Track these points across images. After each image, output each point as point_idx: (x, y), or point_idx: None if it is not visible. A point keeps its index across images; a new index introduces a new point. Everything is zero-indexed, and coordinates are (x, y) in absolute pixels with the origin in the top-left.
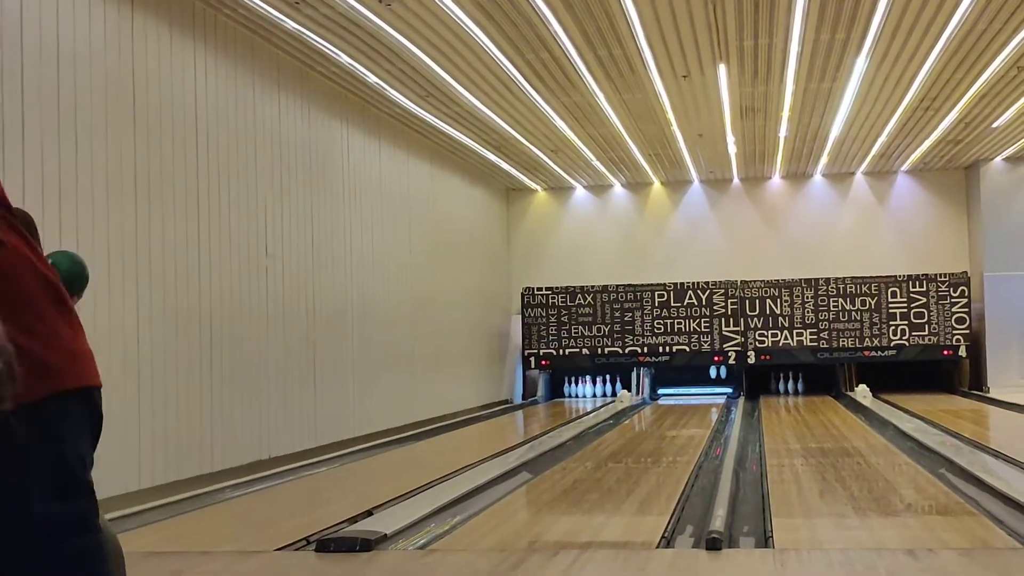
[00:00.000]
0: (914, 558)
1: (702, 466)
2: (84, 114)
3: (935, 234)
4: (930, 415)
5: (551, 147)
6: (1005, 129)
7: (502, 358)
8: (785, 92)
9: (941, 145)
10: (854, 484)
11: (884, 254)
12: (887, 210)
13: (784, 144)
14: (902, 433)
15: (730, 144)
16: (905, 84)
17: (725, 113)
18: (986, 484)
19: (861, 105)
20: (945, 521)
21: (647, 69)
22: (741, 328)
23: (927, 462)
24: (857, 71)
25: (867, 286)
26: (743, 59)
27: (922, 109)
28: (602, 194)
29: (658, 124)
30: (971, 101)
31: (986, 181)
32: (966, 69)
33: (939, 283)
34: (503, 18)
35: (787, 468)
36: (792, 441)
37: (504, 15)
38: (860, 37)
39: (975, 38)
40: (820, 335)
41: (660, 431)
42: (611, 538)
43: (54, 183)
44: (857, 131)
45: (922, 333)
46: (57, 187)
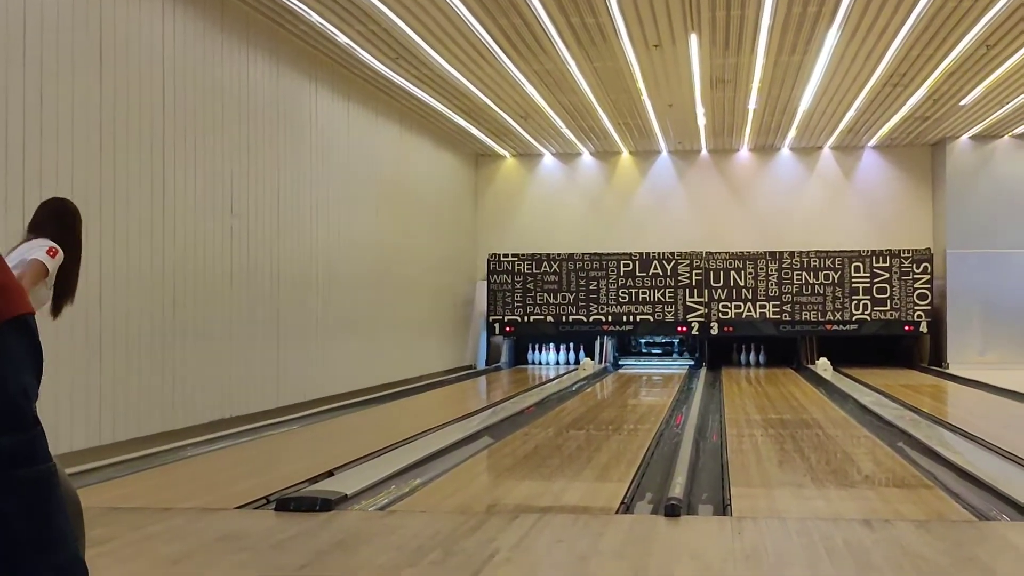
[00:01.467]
0: (870, 528)
1: (662, 434)
2: (49, 68)
3: (900, 210)
4: (890, 389)
5: (521, 113)
6: (972, 107)
7: (467, 324)
8: (756, 64)
9: (909, 122)
10: (813, 455)
11: (849, 229)
12: (853, 185)
13: (753, 116)
14: (861, 406)
15: (699, 115)
16: (875, 59)
17: (695, 84)
18: (943, 458)
19: (831, 79)
20: (902, 493)
21: (619, 38)
22: (705, 299)
23: (885, 435)
24: (828, 45)
25: (831, 260)
26: (715, 30)
27: (891, 85)
28: (570, 162)
29: (628, 93)
30: (940, 78)
31: (952, 159)
32: (936, 46)
33: (902, 259)
34: None
35: (747, 438)
36: (752, 412)
37: None
38: (832, 10)
39: (945, 15)
40: (783, 308)
41: (622, 399)
42: (571, 503)
43: (17, 139)
44: (826, 105)
45: (884, 308)
46: (21, 143)
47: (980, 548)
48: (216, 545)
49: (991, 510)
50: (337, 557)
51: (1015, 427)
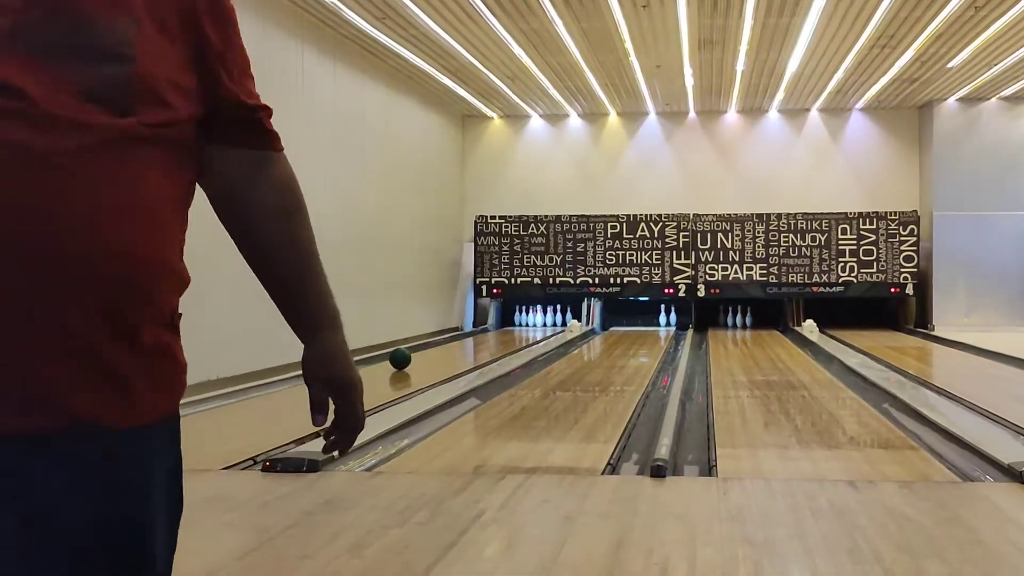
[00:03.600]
0: (855, 489)
1: (649, 396)
2: None
3: (887, 172)
4: (875, 351)
5: (508, 74)
6: (960, 69)
7: (453, 285)
8: (744, 25)
9: (896, 84)
10: (798, 416)
11: (836, 191)
12: (840, 147)
13: (741, 78)
14: (847, 368)
15: (687, 76)
16: (863, 21)
17: (684, 45)
18: (927, 419)
19: (819, 41)
20: (886, 454)
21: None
22: (692, 261)
23: (871, 397)
24: (816, 6)
25: (817, 222)
26: None
27: (879, 47)
28: (558, 123)
29: (616, 54)
30: (928, 40)
31: (939, 121)
32: (924, 7)
33: (889, 221)
34: None
35: (732, 400)
36: (739, 373)
37: None
38: None
39: None
40: (770, 270)
41: (609, 361)
42: (557, 464)
43: None
44: (814, 67)
45: (870, 270)
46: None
47: (963, 508)
48: (202, 506)
49: (975, 471)
50: (324, 517)
51: (998, 389)
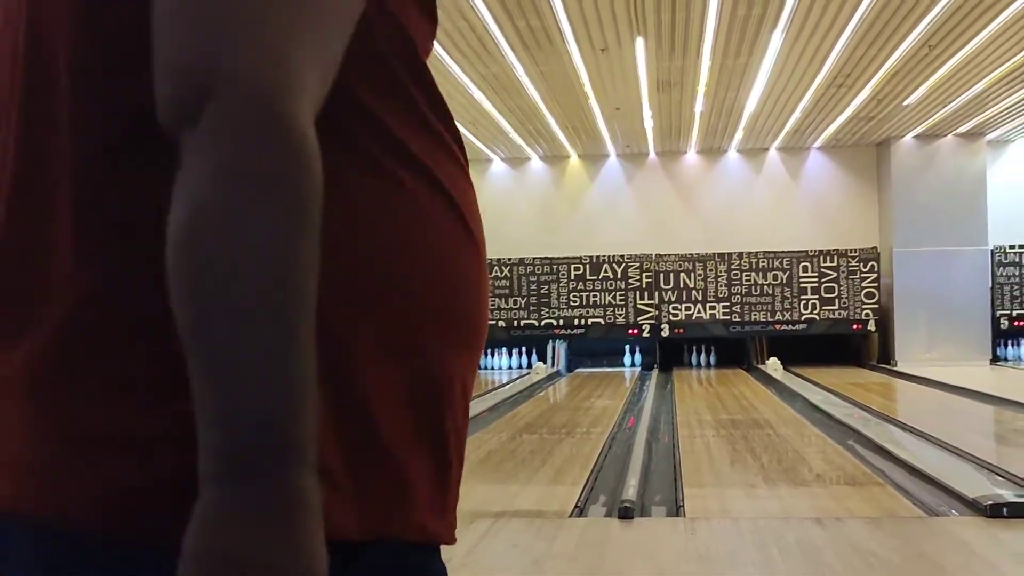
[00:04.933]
0: (822, 527)
1: (615, 437)
2: None
3: (847, 210)
4: (839, 388)
5: (469, 119)
6: (916, 107)
7: None
8: (701, 67)
9: (853, 122)
10: (764, 455)
11: (796, 229)
12: (800, 186)
13: (700, 119)
14: (811, 405)
15: (647, 118)
16: (819, 61)
17: (642, 87)
18: (892, 455)
19: (776, 81)
20: (853, 491)
21: (565, 41)
22: (655, 301)
23: (836, 433)
24: (772, 47)
25: (779, 260)
26: (660, 33)
27: (835, 86)
28: (519, 167)
29: (576, 97)
30: (883, 79)
31: (897, 158)
32: (879, 47)
33: (850, 258)
34: None
35: (698, 439)
36: (704, 413)
37: None
38: (776, 13)
39: (888, 16)
40: (732, 309)
41: (575, 402)
42: (525, 507)
43: None
44: (772, 107)
45: (832, 307)
46: None
47: (930, 544)
48: None
49: (940, 506)
50: None
51: (961, 423)
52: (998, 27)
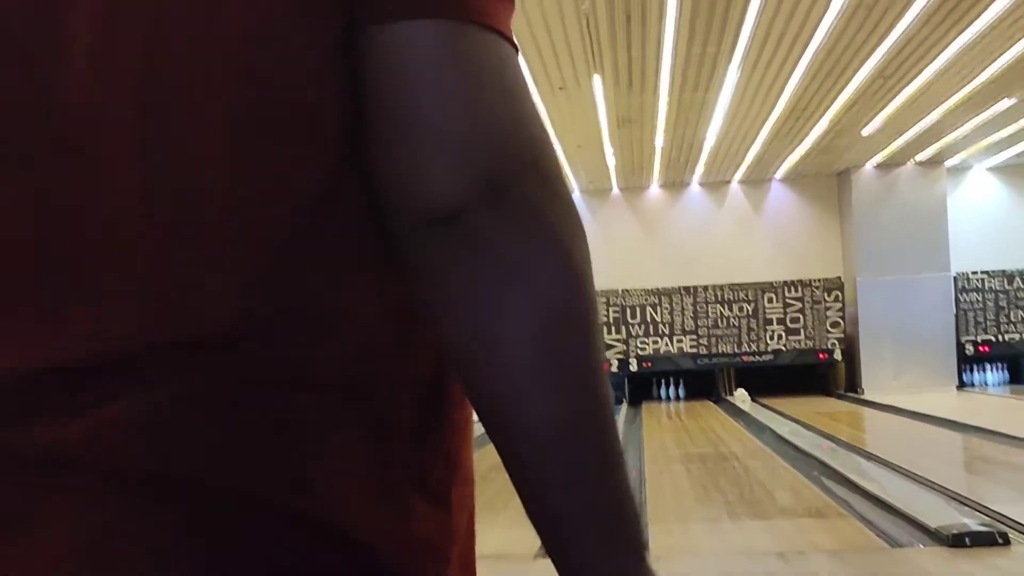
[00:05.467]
0: (785, 561)
1: None
2: None
3: (810, 240)
4: (807, 418)
5: None
6: (874, 137)
7: None
8: (660, 103)
9: (813, 153)
10: (730, 489)
11: (761, 261)
12: (763, 217)
13: (661, 154)
14: (779, 437)
15: (608, 155)
16: (776, 94)
17: (602, 124)
18: (858, 486)
19: (734, 115)
20: (817, 523)
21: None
22: (623, 336)
23: (802, 465)
24: (729, 82)
25: (744, 292)
26: (617, 71)
27: (793, 118)
28: None
29: None
30: (840, 110)
31: (857, 188)
32: (834, 79)
33: (814, 288)
34: None
35: (666, 474)
36: (672, 447)
37: None
38: (730, 48)
39: (841, 49)
40: (700, 341)
41: None
42: (489, 550)
43: None
44: (731, 140)
45: (798, 338)
46: None
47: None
48: None
49: (904, 536)
50: None
51: (927, 451)
52: (951, 57)
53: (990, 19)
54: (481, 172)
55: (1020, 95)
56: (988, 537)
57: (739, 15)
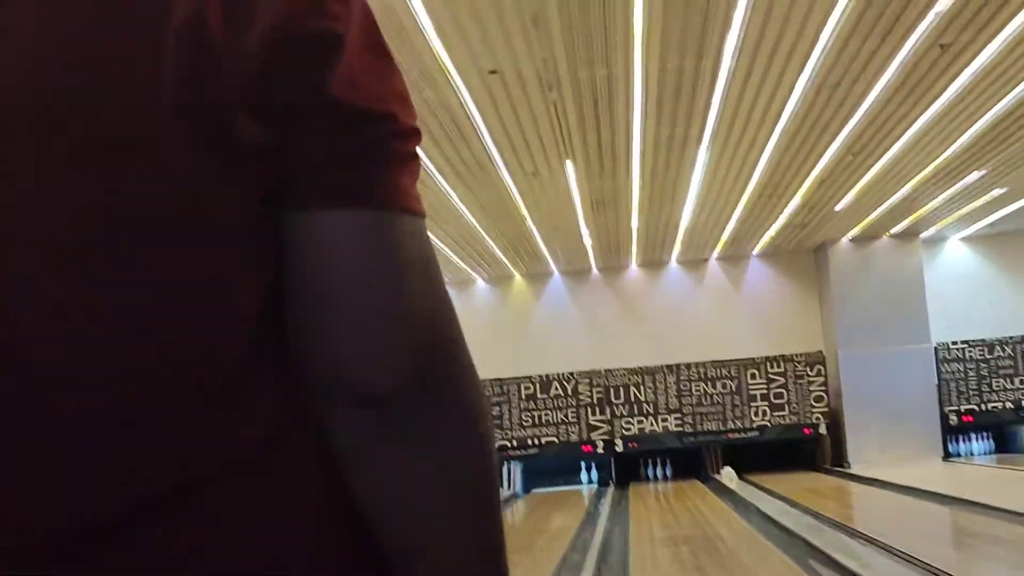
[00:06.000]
0: None
1: (566, 560)
2: None
3: (790, 314)
4: (793, 495)
5: None
6: (847, 212)
7: None
8: (632, 185)
9: (788, 229)
10: (714, 572)
11: (742, 336)
12: (742, 293)
13: (637, 234)
14: (763, 515)
15: (585, 236)
16: (747, 173)
17: (577, 207)
18: (842, 566)
19: (707, 194)
20: None
21: (496, 168)
22: (607, 416)
23: (787, 545)
24: (699, 163)
25: (727, 369)
26: (588, 155)
27: (765, 196)
28: (465, 289)
29: (513, 220)
30: (812, 187)
31: (834, 261)
32: (803, 157)
33: (796, 363)
34: None
35: (648, 558)
36: (658, 529)
37: None
38: (699, 131)
39: (808, 127)
40: (684, 419)
41: (530, 524)
42: None
43: None
44: (706, 219)
45: (783, 413)
46: None
47: None
48: None
49: None
50: None
51: (911, 525)
52: (918, 131)
53: (952, 95)
54: (409, 359)
55: (988, 167)
56: None
57: (705, 98)
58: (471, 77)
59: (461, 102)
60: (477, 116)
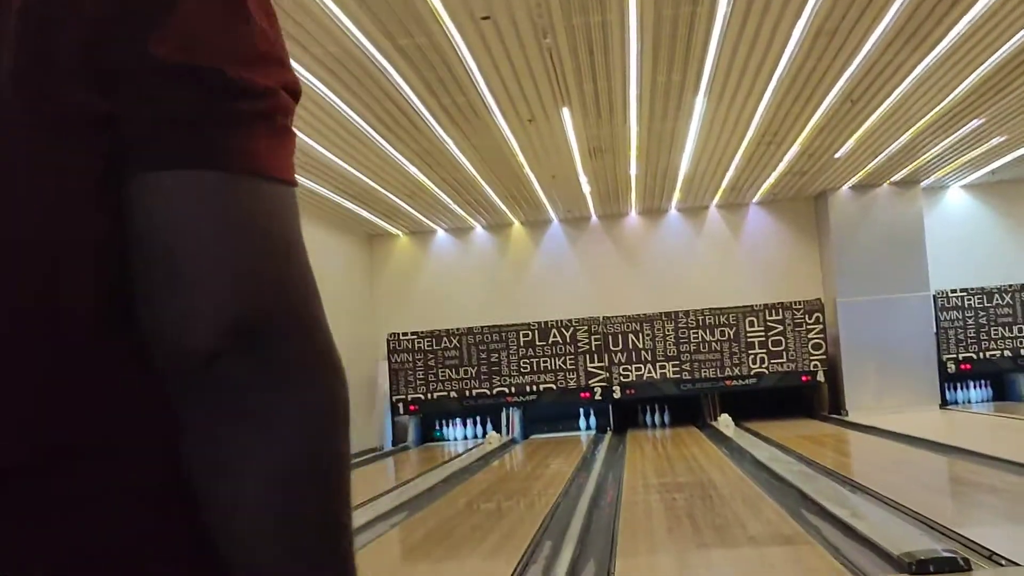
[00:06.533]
0: None
1: (560, 506)
2: None
3: (789, 263)
4: (788, 442)
5: (408, 193)
6: (847, 160)
7: (371, 405)
8: (630, 132)
9: (788, 177)
10: (703, 518)
11: (741, 284)
12: (741, 241)
13: (636, 182)
14: (758, 463)
15: (583, 184)
16: (745, 121)
17: (575, 154)
18: (829, 513)
19: (705, 142)
20: (783, 552)
21: (492, 115)
22: (606, 363)
23: (777, 492)
24: (697, 110)
25: (725, 316)
26: (585, 102)
27: (764, 144)
28: (464, 236)
29: (510, 167)
30: (811, 135)
31: (834, 209)
32: (802, 104)
33: (794, 311)
34: (343, 71)
35: (640, 504)
36: (651, 476)
37: (344, 68)
38: (695, 78)
39: (806, 75)
40: (682, 367)
41: (526, 470)
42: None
43: None
44: (704, 167)
45: (780, 360)
46: None
47: None
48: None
49: (869, 564)
50: None
51: (905, 474)
52: (917, 77)
53: (951, 42)
54: (232, 323)
55: (988, 115)
56: (952, 563)
57: (701, 44)
58: (464, 22)
59: (454, 47)
60: (471, 62)
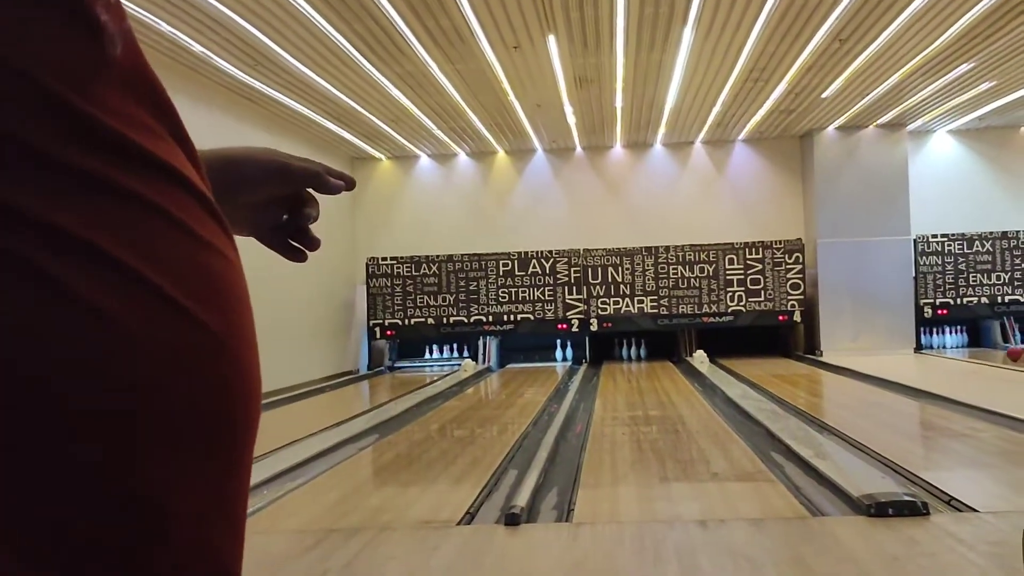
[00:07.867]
0: (704, 529)
1: (527, 436)
2: None
3: (772, 202)
4: (760, 380)
5: (391, 117)
6: (834, 100)
7: (347, 328)
8: (616, 63)
9: (774, 115)
10: (668, 453)
11: (722, 222)
12: (725, 178)
13: (622, 114)
14: (729, 400)
15: (568, 114)
16: (733, 56)
17: (560, 83)
18: (793, 452)
19: (692, 76)
20: (744, 489)
21: (476, 40)
22: (584, 296)
23: (744, 429)
24: (685, 43)
25: (705, 253)
26: (571, 30)
27: (752, 80)
28: (447, 163)
29: (495, 94)
30: (798, 73)
31: (819, 150)
32: (790, 42)
33: (775, 250)
34: None
35: (607, 438)
36: (622, 409)
37: None
38: (683, 10)
39: (796, 11)
40: (660, 302)
41: (500, 398)
42: (418, 515)
43: None
44: (691, 101)
45: (758, 299)
46: None
47: (806, 546)
48: None
49: (828, 505)
50: None
51: (874, 417)
52: (907, 19)
53: None
54: None
55: (977, 61)
56: (911, 507)
57: None
58: None
59: None
60: None
